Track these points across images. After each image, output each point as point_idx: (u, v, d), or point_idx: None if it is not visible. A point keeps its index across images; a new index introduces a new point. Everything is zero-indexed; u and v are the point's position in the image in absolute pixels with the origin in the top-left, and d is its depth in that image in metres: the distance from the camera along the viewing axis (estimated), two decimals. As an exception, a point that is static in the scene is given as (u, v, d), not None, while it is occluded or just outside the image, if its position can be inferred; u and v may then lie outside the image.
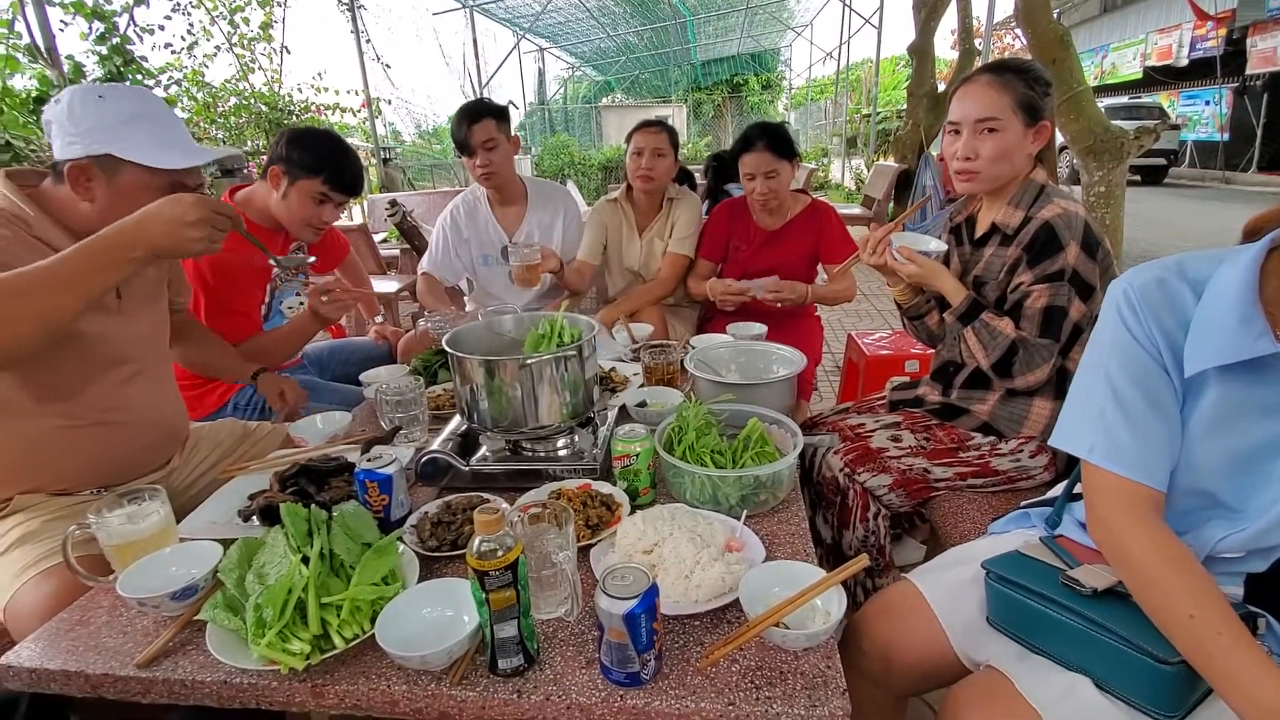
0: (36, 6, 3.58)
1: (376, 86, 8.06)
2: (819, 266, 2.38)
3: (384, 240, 5.21)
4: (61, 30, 4.13)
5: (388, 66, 8.08)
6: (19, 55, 3.70)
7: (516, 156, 2.48)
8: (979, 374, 1.44)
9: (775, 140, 2.15)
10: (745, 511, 1.07)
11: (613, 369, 1.77)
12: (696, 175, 4.86)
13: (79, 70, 4.30)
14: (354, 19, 7.63)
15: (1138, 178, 12.89)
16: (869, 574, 1.51)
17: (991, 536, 1.14)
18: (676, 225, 2.43)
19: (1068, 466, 1.45)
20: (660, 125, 2.38)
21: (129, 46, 4.48)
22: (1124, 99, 14.32)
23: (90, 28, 4.31)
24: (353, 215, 8.66)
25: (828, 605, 0.85)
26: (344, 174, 1.84)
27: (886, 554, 1.50)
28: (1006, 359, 1.34)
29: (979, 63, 7.48)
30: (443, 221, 2.49)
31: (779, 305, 2.17)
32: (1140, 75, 15.65)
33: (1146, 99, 14.39)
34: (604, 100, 23.67)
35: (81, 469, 1.26)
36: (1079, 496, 1.05)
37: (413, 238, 4.42)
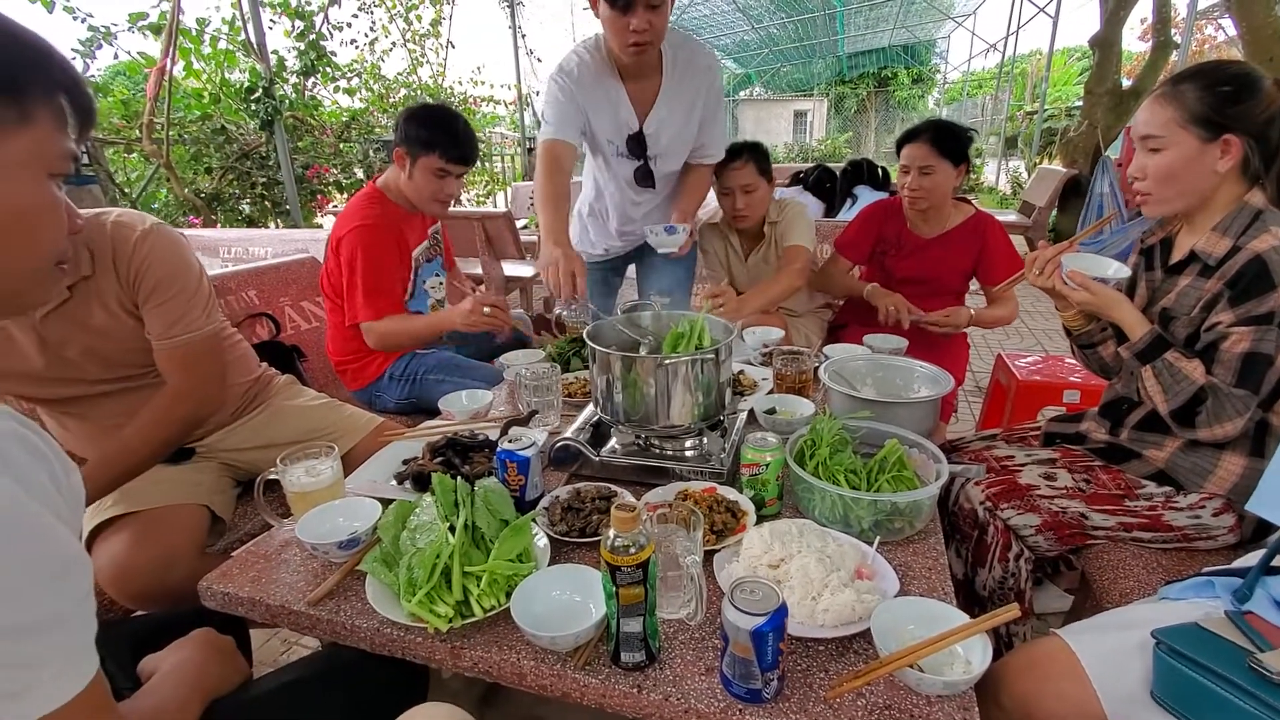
0: (252, 6, 4.09)
1: (527, 80, 8.48)
2: (971, 282, 2.22)
3: (524, 226, 5.52)
4: (270, 28, 4.69)
5: (539, 60, 8.46)
6: (237, 51, 4.25)
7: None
8: (1157, 415, 1.28)
9: (940, 135, 1.99)
10: (878, 538, 1.02)
11: (741, 371, 1.75)
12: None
13: (282, 64, 4.87)
14: (512, 15, 8.05)
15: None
16: (1005, 619, 1.39)
17: (1163, 602, 1.01)
18: (785, 235, 2.25)
19: (1257, 531, 1.27)
20: (744, 155, 2.15)
21: (322, 43, 5.00)
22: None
23: (293, 25, 4.86)
24: (497, 202, 9.20)
25: (969, 653, 0.80)
26: (456, 145, 1.87)
27: (1026, 599, 1.38)
28: (1190, 406, 1.18)
29: (1175, 58, 6.61)
30: (556, 85, 1.91)
31: (942, 333, 2.05)
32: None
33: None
34: (741, 94, 23.36)
35: None
36: (1278, 570, 0.92)
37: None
